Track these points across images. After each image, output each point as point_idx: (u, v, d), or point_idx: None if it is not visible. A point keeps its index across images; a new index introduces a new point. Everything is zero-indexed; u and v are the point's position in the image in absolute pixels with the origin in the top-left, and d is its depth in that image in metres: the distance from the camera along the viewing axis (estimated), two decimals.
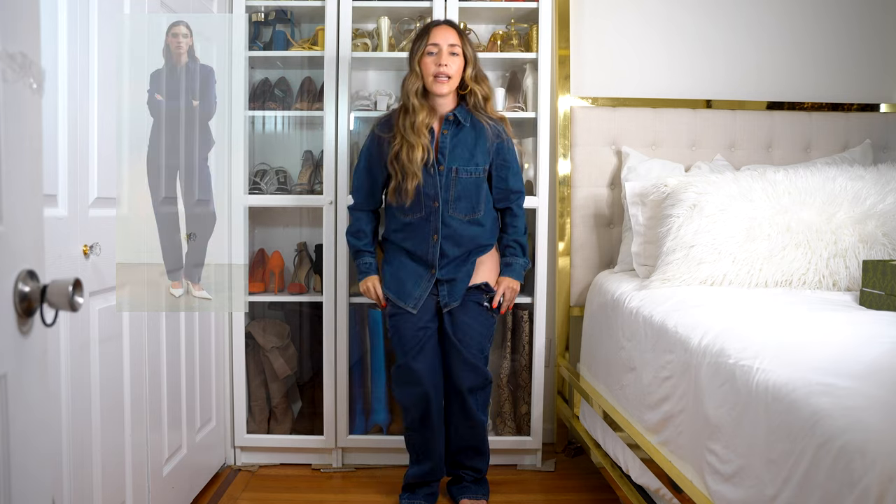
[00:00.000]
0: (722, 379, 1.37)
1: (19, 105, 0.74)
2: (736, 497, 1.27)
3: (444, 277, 1.99)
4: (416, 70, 1.91)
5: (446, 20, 2.00)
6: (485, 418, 2.08)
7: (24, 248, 0.76)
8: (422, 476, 2.07)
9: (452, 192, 1.95)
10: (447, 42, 1.89)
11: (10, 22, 0.72)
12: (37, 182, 0.80)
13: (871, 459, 0.90)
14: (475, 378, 1.99)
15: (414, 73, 1.92)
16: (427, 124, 1.93)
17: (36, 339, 0.78)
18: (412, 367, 1.97)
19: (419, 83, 1.91)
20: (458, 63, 1.91)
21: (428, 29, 1.93)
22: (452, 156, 1.94)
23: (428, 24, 1.97)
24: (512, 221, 2.07)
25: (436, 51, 1.89)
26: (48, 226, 0.86)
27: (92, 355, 1.45)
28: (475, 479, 2.09)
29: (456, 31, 1.93)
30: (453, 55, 1.89)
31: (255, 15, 2.42)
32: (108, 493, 1.52)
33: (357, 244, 2.09)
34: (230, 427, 2.40)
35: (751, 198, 1.99)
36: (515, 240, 2.07)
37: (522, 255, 2.07)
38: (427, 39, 1.90)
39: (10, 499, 0.74)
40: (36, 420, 0.79)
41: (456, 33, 1.92)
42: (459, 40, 1.91)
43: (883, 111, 2.59)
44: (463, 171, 1.95)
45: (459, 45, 1.90)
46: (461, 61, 1.91)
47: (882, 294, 1.65)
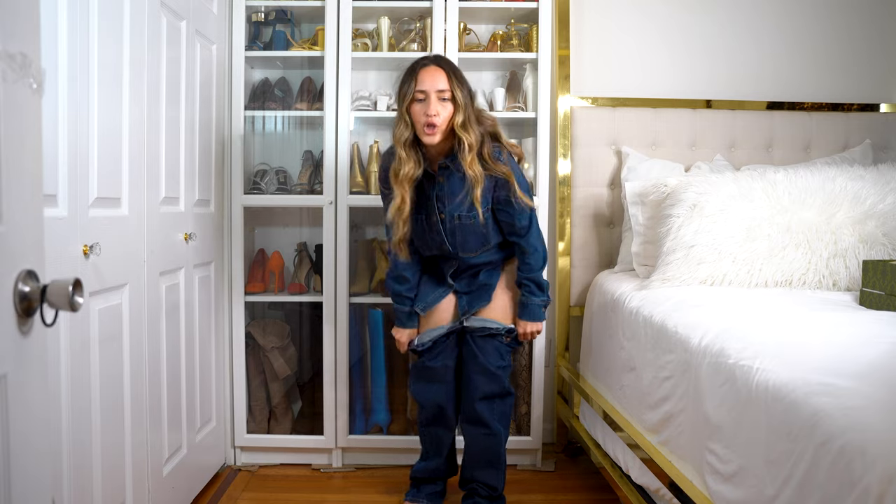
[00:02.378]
0: (722, 379, 1.37)
1: (19, 105, 0.74)
2: (736, 497, 1.27)
3: (462, 290, 1.99)
4: (405, 118, 1.78)
5: (435, 58, 1.82)
6: (502, 430, 1.96)
7: (24, 248, 0.76)
8: (428, 472, 2.07)
9: (459, 237, 1.89)
10: (436, 88, 1.75)
11: (10, 22, 0.72)
12: (37, 182, 0.79)
13: (871, 459, 0.91)
14: (492, 385, 1.92)
15: (403, 120, 1.79)
16: (413, 177, 1.81)
17: (36, 340, 0.77)
18: (429, 364, 1.97)
19: (409, 133, 1.78)
20: (450, 110, 1.76)
21: (415, 71, 1.78)
22: (452, 204, 1.85)
23: (415, 64, 1.80)
24: (524, 258, 1.93)
25: (423, 97, 1.75)
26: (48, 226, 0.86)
27: (92, 355, 1.46)
28: (489, 496, 1.98)
29: (445, 71, 1.77)
30: (443, 100, 1.76)
31: (255, 15, 2.42)
32: (107, 492, 1.52)
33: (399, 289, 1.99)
34: (230, 427, 2.41)
35: (751, 198, 1.99)
36: (529, 278, 1.93)
37: (539, 293, 1.94)
38: (414, 84, 1.76)
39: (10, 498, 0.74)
40: (36, 420, 0.79)
41: (446, 76, 1.76)
42: (449, 83, 1.76)
43: (883, 111, 2.59)
44: (465, 217, 1.85)
45: (449, 90, 1.75)
46: (452, 108, 1.77)
47: (882, 294, 1.65)
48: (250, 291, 2.41)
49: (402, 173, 1.79)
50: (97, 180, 1.47)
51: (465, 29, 2.46)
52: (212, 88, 2.22)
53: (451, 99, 1.76)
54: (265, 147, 2.57)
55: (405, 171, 1.79)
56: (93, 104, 1.44)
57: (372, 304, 2.46)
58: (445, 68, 1.78)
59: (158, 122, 1.79)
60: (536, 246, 1.93)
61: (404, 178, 1.79)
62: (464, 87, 1.79)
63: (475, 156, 1.78)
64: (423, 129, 1.76)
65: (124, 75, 1.59)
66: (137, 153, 1.66)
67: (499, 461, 1.98)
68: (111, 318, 1.54)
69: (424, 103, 1.75)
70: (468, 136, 1.76)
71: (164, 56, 1.82)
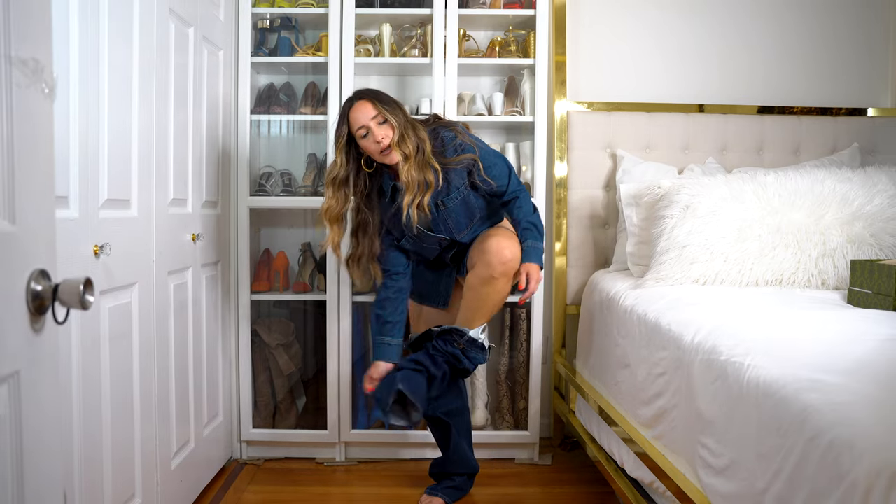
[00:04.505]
0: (714, 375, 1.38)
1: (32, 109, 0.75)
2: (728, 490, 1.28)
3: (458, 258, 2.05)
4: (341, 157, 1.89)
5: (357, 94, 1.89)
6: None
7: (37, 249, 0.76)
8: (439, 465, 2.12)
9: (451, 222, 1.95)
10: (369, 117, 1.82)
11: (23, 28, 0.73)
12: (49, 184, 0.80)
13: (858, 453, 0.91)
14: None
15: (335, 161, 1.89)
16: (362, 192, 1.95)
17: (48, 337, 0.78)
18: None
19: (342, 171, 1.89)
20: (389, 131, 1.83)
21: (346, 113, 1.86)
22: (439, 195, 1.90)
23: (344, 108, 1.88)
24: (515, 204, 1.95)
25: (365, 132, 1.83)
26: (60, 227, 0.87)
27: (102, 352, 1.47)
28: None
29: (370, 100, 1.84)
30: (381, 124, 1.83)
31: (261, 22, 2.44)
32: (117, 485, 1.53)
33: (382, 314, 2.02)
34: (236, 422, 2.43)
35: (742, 199, 2.00)
36: (529, 220, 1.94)
37: (539, 238, 1.94)
38: (351, 127, 1.85)
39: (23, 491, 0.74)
40: (48, 415, 0.79)
41: (371, 104, 1.83)
42: (376, 109, 1.83)
43: (870, 115, 2.63)
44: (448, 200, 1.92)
45: (380, 114, 1.83)
46: (389, 127, 1.83)
47: (869, 293, 1.67)
48: (256, 290, 2.43)
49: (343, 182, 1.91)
50: (107, 182, 1.47)
51: (464, 35, 2.49)
52: (218, 93, 2.24)
53: (385, 121, 1.83)
54: (270, 150, 2.59)
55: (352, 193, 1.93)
56: (103, 108, 1.45)
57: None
58: (369, 98, 1.86)
59: (167, 126, 1.80)
60: (522, 189, 1.97)
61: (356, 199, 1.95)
62: (391, 105, 1.86)
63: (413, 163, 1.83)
64: (380, 155, 1.85)
65: (134, 80, 1.60)
66: (146, 156, 1.67)
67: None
68: (121, 316, 1.55)
69: (368, 136, 1.83)
70: (405, 147, 1.83)
71: (173, 61, 1.83)
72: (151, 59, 1.69)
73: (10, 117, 0.72)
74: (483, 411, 2.48)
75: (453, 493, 2.09)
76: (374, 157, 1.87)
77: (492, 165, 1.93)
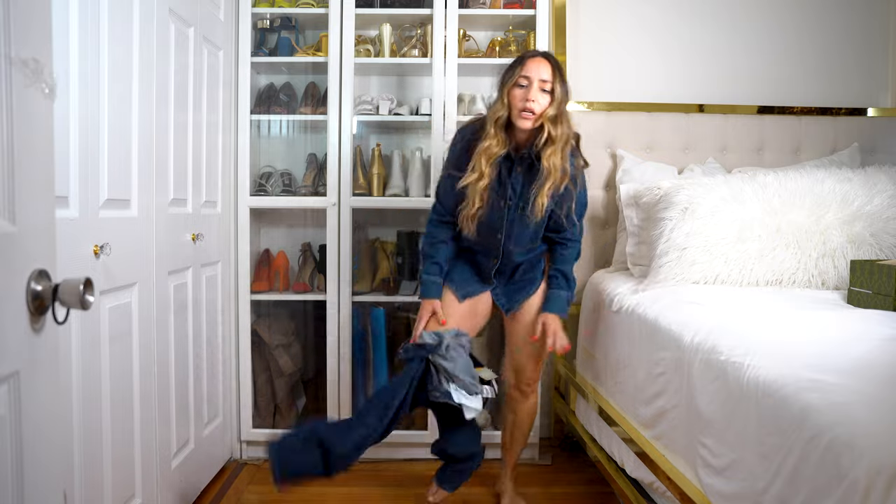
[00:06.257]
0: (714, 375, 1.38)
1: (32, 109, 0.75)
2: (728, 490, 1.28)
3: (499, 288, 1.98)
4: (504, 100, 1.79)
5: (544, 53, 1.83)
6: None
7: (37, 249, 0.77)
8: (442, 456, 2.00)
9: (516, 230, 1.88)
10: (539, 76, 1.76)
11: (23, 28, 0.73)
12: (49, 184, 0.80)
13: (858, 453, 0.91)
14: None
15: (501, 101, 1.80)
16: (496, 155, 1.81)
17: (48, 337, 0.78)
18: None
19: (504, 113, 1.79)
20: (548, 101, 1.78)
21: (523, 59, 1.81)
22: (522, 193, 1.85)
23: (524, 54, 1.83)
24: (561, 249, 1.93)
25: (526, 83, 1.77)
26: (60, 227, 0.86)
27: (102, 352, 1.47)
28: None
29: (551, 65, 1.79)
30: (543, 91, 1.77)
31: (261, 22, 2.45)
32: (118, 485, 1.54)
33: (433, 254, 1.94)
34: (236, 422, 2.43)
35: (742, 200, 2.00)
36: (561, 270, 1.93)
37: (567, 287, 1.93)
38: (520, 70, 1.78)
39: (23, 491, 0.75)
40: (48, 415, 0.79)
41: (551, 68, 1.78)
42: (552, 76, 1.77)
43: (870, 115, 2.63)
44: (529, 209, 1.84)
45: (551, 82, 1.77)
46: (550, 99, 1.78)
47: (869, 293, 1.67)
48: (256, 290, 2.43)
49: (486, 149, 1.80)
50: (107, 182, 1.48)
51: (464, 35, 2.49)
52: (218, 93, 2.24)
53: (551, 92, 1.78)
54: (271, 150, 2.59)
55: (489, 148, 1.80)
56: (103, 108, 1.45)
57: (374, 303, 2.48)
58: (552, 62, 1.81)
59: (167, 126, 1.80)
60: (578, 239, 1.95)
61: (487, 153, 1.80)
62: (564, 85, 1.81)
63: (557, 150, 1.79)
64: (520, 112, 1.78)
65: (134, 80, 1.60)
66: (146, 156, 1.67)
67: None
68: (121, 316, 1.56)
69: (526, 89, 1.77)
70: (555, 129, 1.77)
71: (173, 61, 1.83)
72: (151, 58, 1.70)
73: (10, 117, 0.72)
74: (484, 412, 2.47)
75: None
76: (512, 110, 1.78)
77: (581, 206, 1.92)
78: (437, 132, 2.40)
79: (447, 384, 1.76)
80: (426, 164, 2.50)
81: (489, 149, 1.80)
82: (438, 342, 1.80)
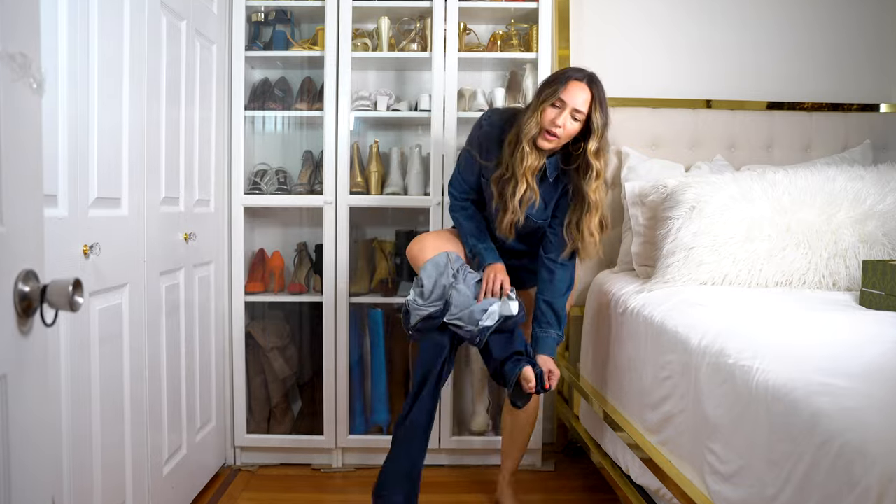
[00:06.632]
0: (722, 379, 1.37)
1: (19, 105, 0.74)
2: (736, 497, 1.27)
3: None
4: (537, 116, 1.77)
5: (590, 77, 1.78)
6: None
7: (25, 248, 0.76)
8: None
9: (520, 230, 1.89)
10: (574, 105, 1.74)
11: (10, 22, 0.72)
12: (37, 182, 0.79)
13: (871, 459, 0.90)
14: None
15: (534, 117, 1.77)
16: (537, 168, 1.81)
17: (36, 339, 0.77)
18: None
19: (536, 131, 1.77)
20: (575, 128, 1.77)
21: (567, 80, 1.76)
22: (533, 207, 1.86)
23: (569, 73, 1.79)
24: (551, 277, 1.89)
25: (560, 106, 1.75)
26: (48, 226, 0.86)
27: (92, 355, 1.46)
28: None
29: (593, 95, 1.76)
30: (574, 120, 1.76)
31: (255, 15, 2.43)
32: (107, 492, 1.52)
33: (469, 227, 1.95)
34: (230, 427, 2.41)
35: (751, 198, 1.98)
36: (550, 303, 1.89)
37: (557, 326, 1.89)
38: (560, 91, 1.75)
39: (10, 498, 0.73)
40: (36, 420, 0.79)
41: (590, 99, 1.75)
42: (590, 108, 1.76)
43: (883, 111, 2.59)
44: (537, 219, 1.88)
45: (585, 113, 1.76)
46: (579, 127, 1.77)
47: (882, 294, 1.65)
48: (250, 291, 2.41)
49: (527, 165, 1.80)
50: (97, 180, 1.47)
51: (465, 29, 2.47)
52: (212, 88, 2.22)
53: (585, 122, 1.77)
54: (265, 147, 2.57)
55: (529, 164, 1.79)
56: (93, 104, 1.44)
57: (372, 304, 2.46)
58: (594, 92, 1.77)
59: (158, 122, 1.79)
60: (568, 266, 1.92)
61: (528, 169, 1.80)
62: (604, 115, 1.78)
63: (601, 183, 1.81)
64: (544, 133, 1.77)
65: (124, 75, 1.59)
66: (137, 153, 1.66)
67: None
68: (111, 317, 1.54)
69: (558, 111, 1.76)
70: (599, 163, 1.79)
71: (165, 56, 1.81)
72: (142, 53, 1.69)
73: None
74: (484, 416, 2.45)
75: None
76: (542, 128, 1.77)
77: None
78: (436, 128, 2.37)
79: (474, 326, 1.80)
80: (425, 161, 2.47)
81: (532, 165, 1.80)
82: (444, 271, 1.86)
